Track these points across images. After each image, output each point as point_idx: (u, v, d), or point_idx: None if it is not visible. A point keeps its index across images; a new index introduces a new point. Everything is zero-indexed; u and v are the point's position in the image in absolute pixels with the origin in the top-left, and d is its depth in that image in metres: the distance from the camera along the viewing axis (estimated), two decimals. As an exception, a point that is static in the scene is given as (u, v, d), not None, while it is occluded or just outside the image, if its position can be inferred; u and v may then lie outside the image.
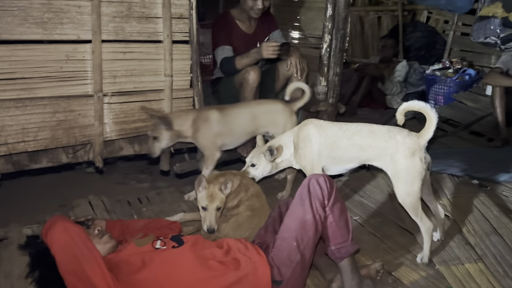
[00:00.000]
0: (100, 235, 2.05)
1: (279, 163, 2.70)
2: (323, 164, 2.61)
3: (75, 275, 1.79)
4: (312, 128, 2.56)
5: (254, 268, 1.91)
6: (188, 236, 2.08)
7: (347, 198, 3.14)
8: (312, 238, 1.95)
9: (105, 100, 2.83)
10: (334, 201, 2.02)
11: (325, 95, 3.80)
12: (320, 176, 2.04)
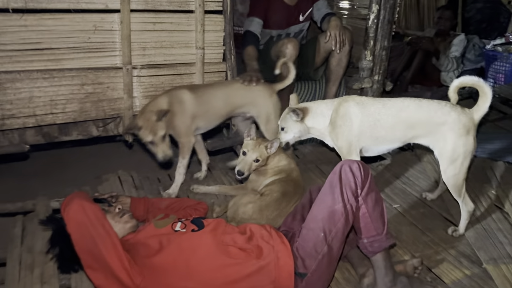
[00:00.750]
0: (121, 214, 1.98)
1: (310, 128, 2.50)
2: (363, 145, 2.41)
3: (90, 255, 1.74)
4: (353, 106, 2.34)
5: (276, 258, 1.77)
6: (210, 220, 1.96)
7: (387, 184, 2.90)
8: (341, 229, 1.78)
9: (134, 73, 2.73)
10: (368, 190, 1.83)
11: (370, 71, 3.51)
12: (353, 162, 1.85)
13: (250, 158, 2.45)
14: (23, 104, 2.50)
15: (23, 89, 2.47)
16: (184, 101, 2.59)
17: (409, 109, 2.25)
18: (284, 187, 2.40)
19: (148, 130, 2.46)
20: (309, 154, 3.32)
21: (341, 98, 2.45)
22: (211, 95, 2.69)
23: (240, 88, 2.79)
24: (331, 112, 2.41)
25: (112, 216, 1.95)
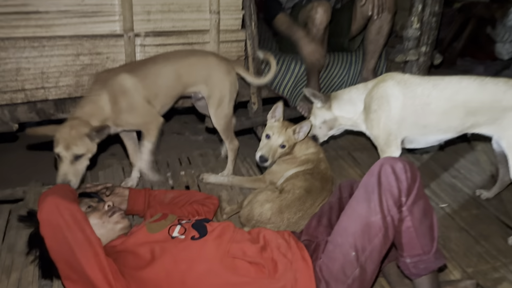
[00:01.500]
0: (110, 212, 1.66)
1: (339, 117, 2.10)
2: (405, 135, 1.97)
3: (67, 264, 1.43)
4: (392, 86, 1.90)
5: (294, 279, 1.41)
6: (215, 224, 1.60)
7: (433, 177, 2.45)
8: (378, 247, 1.41)
9: (137, 42, 2.35)
10: (416, 199, 1.43)
11: (416, 41, 3.01)
12: (397, 161, 1.44)
13: (276, 142, 2.06)
14: (9, 77, 2.17)
15: (9, 59, 2.14)
16: (128, 89, 2.07)
17: (469, 91, 1.79)
18: (310, 181, 2.00)
19: (63, 141, 1.86)
20: (341, 139, 2.89)
21: (378, 78, 2.01)
22: (157, 75, 2.18)
23: (192, 63, 2.27)
24: (363, 96, 1.98)
25: (100, 215, 1.63)
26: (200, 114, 3.22)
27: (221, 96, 2.30)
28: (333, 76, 3.06)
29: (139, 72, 2.12)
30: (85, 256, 1.40)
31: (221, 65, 2.30)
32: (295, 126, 2.08)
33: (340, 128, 2.20)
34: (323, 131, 2.21)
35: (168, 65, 2.21)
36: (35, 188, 2.24)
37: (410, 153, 2.69)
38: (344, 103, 2.07)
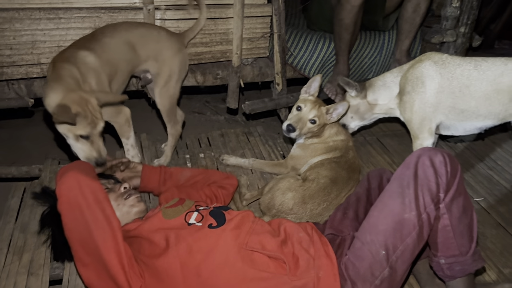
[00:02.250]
0: (126, 195, 1.56)
1: (373, 105, 1.95)
2: (441, 120, 1.81)
3: (82, 245, 1.34)
4: (429, 66, 1.75)
5: (317, 278, 1.30)
6: (234, 212, 1.49)
7: (468, 169, 2.29)
8: (410, 247, 1.28)
9: (157, 15, 2.23)
10: (455, 195, 1.31)
11: (455, 21, 2.80)
12: (436, 153, 1.31)
13: (306, 115, 1.94)
14: (25, 50, 2.10)
15: (24, 31, 2.05)
16: (91, 66, 1.82)
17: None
18: (336, 171, 1.87)
19: (87, 120, 1.65)
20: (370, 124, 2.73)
21: (415, 60, 1.84)
22: (113, 47, 1.92)
23: (143, 34, 2.03)
24: (398, 79, 1.83)
25: (116, 197, 1.54)
26: (222, 94, 3.11)
27: (170, 74, 2.09)
28: (364, 57, 2.88)
29: (95, 46, 1.86)
30: (102, 237, 1.31)
31: (172, 41, 2.10)
32: (330, 105, 1.95)
33: (373, 118, 2.06)
34: (355, 121, 2.09)
35: (121, 35, 1.96)
36: (51, 166, 2.18)
37: (444, 141, 2.52)
38: (379, 89, 1.93)
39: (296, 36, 2.75)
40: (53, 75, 1.69)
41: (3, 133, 2.99)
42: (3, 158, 2.72)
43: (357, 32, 2.64)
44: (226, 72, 2.52)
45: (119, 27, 2.00)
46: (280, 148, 2.44)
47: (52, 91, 1.64)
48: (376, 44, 2.88)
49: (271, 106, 2.57)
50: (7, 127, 3.04)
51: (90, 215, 1.33)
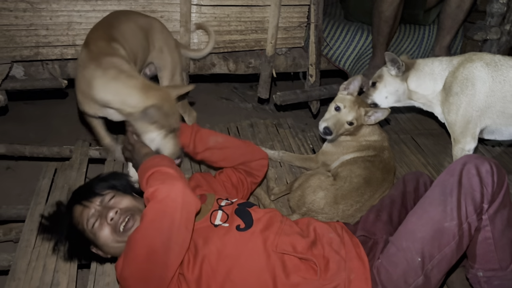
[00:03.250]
0: (121, 228, 1.38)
1: (413, 92, 1.87)
2: (487, 124, 1.74)
3: (149, 252, 1.20)
4: (480, 67, 1.66)
5: (348, 280, 1.25)
6: (260, 211, 1.43)
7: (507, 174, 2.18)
8: (448, 257, 1.23)
9: (193, 0, 2.19)
10: (500, 206, 1.25)
11: (500, 18, 2.68)
12: (483, 161, 1.26)
13: (345, 117, 1.84)
14: (60, 31, 2.09)
15: (61, 12, 2.05)
16: (126, 59, 1.71)
17: None
18: (370, 170, 1.80)
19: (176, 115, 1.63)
20: (404, 121, 2.65)
21: (464, 56, 1.75)
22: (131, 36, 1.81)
23: (150, 23, 1.93)
24: (446, 73, 1.74)
25: (112, 231, 1.37)
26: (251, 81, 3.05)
27: (175, 66, 2.00)
28: (402, 50, 2.79)
29: (118, 36, 1.74)
30: (175, 257, 1.22)
31: (169, 32, 2.04)
32: (370, 109, 1.86)
33: (407, 103, 1.95)
34: (388, 102, 1.97)
35: (135, 22, 1.87)
36: (82, 148, 2.19)
37: (481, 144, 2.42)
38: (424, 77, 1.82)
39: (333, 27, 2.67)
40: (115, 73, 1.54)
41: (36, 111, 3.03)
42: (35, 136, 2.76)
43: (396, 26, 2.54)
44: (259, 61, 2.47)
45: (130, 14, 1.92)
46: (310, 141, 2.39)
47: (136, 91, 1.51)
48: (415, 39, 2.78)
49: (303, 98, 2.51)
50: (40, 106, 3.07)
51: (177, 234, 1.21)
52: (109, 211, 1.37)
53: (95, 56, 1.58)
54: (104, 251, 1.40)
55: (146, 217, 1.19)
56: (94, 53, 1.60)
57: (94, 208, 1.40)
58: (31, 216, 1.77)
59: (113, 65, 1.56)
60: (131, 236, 1.22)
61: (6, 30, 2.02)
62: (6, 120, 2.86)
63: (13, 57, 2.10)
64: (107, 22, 1.81)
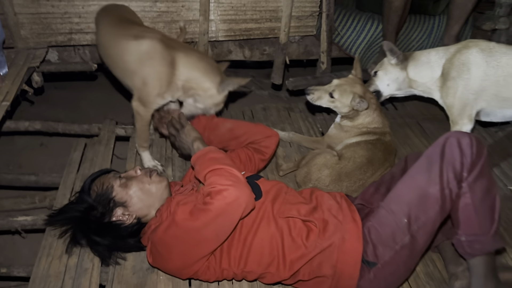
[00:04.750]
0: (148, 173, 1.57)
1: (412, 80, 2.00)
2: (482, 106, 1.86)
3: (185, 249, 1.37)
4: (476, 54, 1.78)
5: (342, 239, 1.41)
6: (267, 183, 1.59)
7: (505, 157, 2.31)
8: (432, 219, 1.37)
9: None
10: (479, 175, 1.37)
11: (509, 8, 2.76)
12: (465, 135, 1.38)
13: (329, 88, 1.99)
14: (91, 19, 2.29)
15: (92, 1, 2.26)
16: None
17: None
18: (372, 151, 1.94)
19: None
20: (410, 106, 2.77)
21: (461, 44, 1.87)
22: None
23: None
24: (443, 61, 1.87)
25: (141, 180, 1.54)
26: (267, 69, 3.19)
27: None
28: (411, 40, 2.90)
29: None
30: (218, 244, 1.38)
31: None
32: (357, 95, 1.95)
33: (408, 91, 2.09)
34: (389, 89, 2.09)
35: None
36: (109, 126, 2.40)
37: (485, 128, 2.53)
38: (421, 66, 1.95)
39: (345, 16, 2.80)
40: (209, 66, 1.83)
41: (66, 94, 3.27)
42: (65, 116, 2.99)
43: (405, 15, 2.66)
44: (273, 48, 2.63)
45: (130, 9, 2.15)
46: (319, 125, 2.54)
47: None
48: (425, 28, 2.89)
49: (314, 84, 2.65)
50: (70, 88, 3.31)
51: (229, 230, 1.36)
52: (134, 170, 1.56)
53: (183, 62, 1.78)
54: (132, 207, 1.50)
55: (210, 212, 1.29)
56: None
57: (114, 174, 1.55)
58: (64, 183, 1.98)
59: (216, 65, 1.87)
60: (187, 220, 1.32)
61: (44, 18, 2.24)
62: (39, 103, 3.10)
63: (49, 42, 2.32)
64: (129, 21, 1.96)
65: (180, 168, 2.12)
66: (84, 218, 1.46)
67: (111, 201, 1.48)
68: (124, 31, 1.83)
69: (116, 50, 1.84)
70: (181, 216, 1.33)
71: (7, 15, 2.19)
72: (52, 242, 1.68)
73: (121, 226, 1.49)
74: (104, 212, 1.47)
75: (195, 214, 1.31)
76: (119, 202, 1.49)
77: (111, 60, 1.91)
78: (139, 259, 1.63)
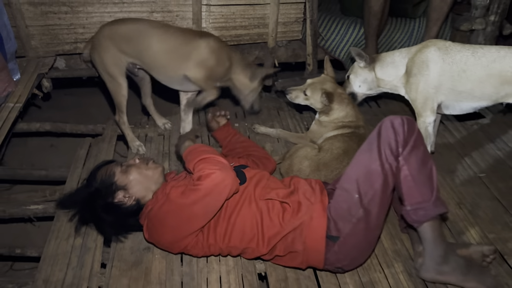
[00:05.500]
0: (145, 161, 1.81)
1: (380, 79, 2.20)
2: (441, 100, 2.06)
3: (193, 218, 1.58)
4: (433, 52, 1.98)
5: (310, 218, 1.61)
6: (252, 171, 1.82)
7: (478, 147, 2.48)
8: (379, 192, 1.55)
9: (203, 1, 2.59)
10: (412, 149, 1.55)
11: (484, 10, 2.93)
12: (396, 118, 1.58)
13: (303, 87, 2.28)
14: (95, 29, 2.51)
15: (94, 13, 2.49)
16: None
17: (505, 61, 1.83)
18: (348, 143, 2.13)
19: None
20: (393, 104, 2.95)
21: (421, 44, 2.08)
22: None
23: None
24: (406, 60, 2.07)
25: (139, 167, 1.76)
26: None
27: None
28: (393, 41, 3.09)
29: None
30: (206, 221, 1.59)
31: None
32: (324, 93, 2.18)
33: (378, 90, 2.28)
34: (362, 90, 2.29)
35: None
36: (112, 126, 2.62)
37: (460, 122, 2.71)
38: (387, 66, 2.15)
39: (329, 21, 3.00)
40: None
41: (73, 99, 3.52)
42: (72, 119, 3.23)
43: (384, 19, 2.85)
44: (262, 52, 2.85)
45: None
46: (306, 122, 2.73)
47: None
48: (406, 30, 3.07)
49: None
50: (76, 95, 3.56)
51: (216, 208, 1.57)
52: (133, 159, 1.78)
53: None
54: (131, 189, 1.70)
55: (200, 191, 1.50)
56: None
57: (118, 163, 1.77)
58: (71, 177, 2.21)
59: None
60: (180, 198, 1.53)
61: (52, 29, 2.49)
62: (49, 108, 3.34)
63: (57, 51, 2.57)
64: (173, 27, 2.26)
65: (176, 162, 2.34)
66: (90, 199, 1.68)
67: (113, 185, 1.69)
68: (187, 34, 2.15)
69: (180, 50, 2.11)
70: (175, 195, 1.56)
71: (19, 27, 2.44)
72: (60, 226, 1.91)
73: (122, 206, 1.69)
74: (107, 193, 1.68)
75: (186, 193, 1.53)
76: (120, 185, 1.70)
77: (164, 61, 2.14)
78: (137, 240, 1.83)
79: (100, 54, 2.13)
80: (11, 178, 2.44)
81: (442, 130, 2.62)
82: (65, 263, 1.74)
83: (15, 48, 2.43)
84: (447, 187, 2.18)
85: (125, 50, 2.12)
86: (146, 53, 2.11)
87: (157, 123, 2.60)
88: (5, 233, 2.56)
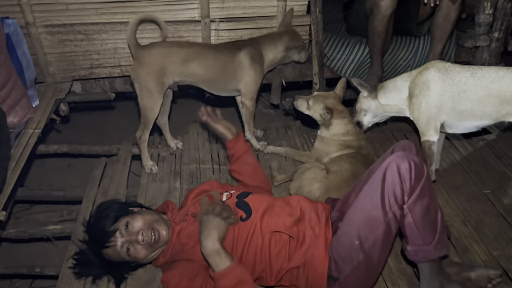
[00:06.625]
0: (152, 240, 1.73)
1: (385, 105, 2.27)
2: (444, 119, 2.11)
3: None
4: (433, 73, 2.05)
5: (312, 256, 1.64)
6: (256, 200, 1.79)
7: (484, 164, 2.51)
8: (380, 238, 1.54)
9: (212, 27, 2.69)
10: (418, 197, 1.51)
11: (488, 27, 2.99)
12: (404, 160, 1.50)
13: (308, 98, 2.41)
14: (109, 55, 2.66)
15: (109, 40, 2.61)
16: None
17: (504, 82, 1.89)
18: (355, 165, 2.16)
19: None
20: (401, 121, 3.00)
21: (422, 67, 2.15)
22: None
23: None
24: (408, 83, 2.14)
25: (145, 247, 1.71)
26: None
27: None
28: (398, 59, 3.15)
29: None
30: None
31: None
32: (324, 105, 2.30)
33: (384, 115, 2.35)
34: (367, 118, 2.38)
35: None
36: (127, 146, 2.73)
37: (467, 139, 2.74)
38: (390, 92, 2.22)
39: (335, 41, 3.08)
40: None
41: (90, 120, 3.66)
42: (89, 140, 3.36)
43: (388, 38, 2.91)
44: (270, 72, 2.93)
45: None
46: (313, 140, 2.79)
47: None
48: (410, 48, 3.13)
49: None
50: (94, 116, 3.70)
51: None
52: (136, 236, 1.66)
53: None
54: (143, 262, 1.77)
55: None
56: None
57: (120, 241, 1.67)
58: (87, 197, 2.31)
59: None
60: None
61: (68, 56, 2.62)
62: (67, 128, 3.48)
63: (73, 76, 2.70)
64: (209, 44, 2.61)
65: (187, 181, 2.42)
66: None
67: (125, 263, 1.74)
68: (227, 49, 2.43)
69: (226, 66, 2.41)
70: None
71: (38, 55, 2.58)
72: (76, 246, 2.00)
73: (131, 264, 1.77)
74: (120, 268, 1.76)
75: None
76: (128, 261, 1.74)
77: (217, 76, 2.44)
78: (149, 259, 1.92)
79: (147, 71, 2.26)
80: (31, 199, 2.55)
81: (448, 147, 2.66)
82: (81, 281, 1.82)
83: (35, 76, 2.57)
84: (452, 204, 2.21)
85: (176, 70, 2.33)
86: (203, 73, 2.38)
87: (169, 144, 2.69)
88: (25, 252, 2.67)
